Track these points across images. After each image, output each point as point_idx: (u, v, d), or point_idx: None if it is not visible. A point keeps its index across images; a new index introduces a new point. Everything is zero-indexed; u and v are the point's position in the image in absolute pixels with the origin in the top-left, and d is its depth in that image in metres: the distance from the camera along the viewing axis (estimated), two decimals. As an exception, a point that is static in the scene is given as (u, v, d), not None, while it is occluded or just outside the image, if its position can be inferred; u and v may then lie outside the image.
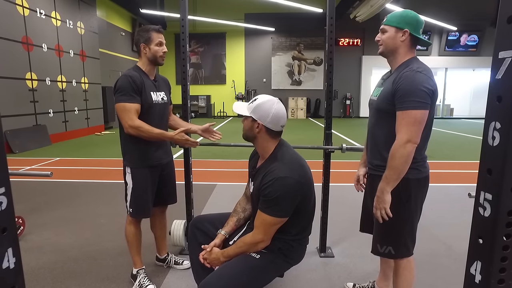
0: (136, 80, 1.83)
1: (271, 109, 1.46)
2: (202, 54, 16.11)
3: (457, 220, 3.16)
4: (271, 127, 1.47)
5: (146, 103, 1.90)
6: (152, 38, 1.89)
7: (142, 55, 1.93)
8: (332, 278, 2.19)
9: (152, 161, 1.98)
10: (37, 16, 7.41)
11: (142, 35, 1.90)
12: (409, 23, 1.50)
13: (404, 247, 1.59)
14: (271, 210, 1.40)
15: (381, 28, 1.57)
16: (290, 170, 1.42)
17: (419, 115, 1.41)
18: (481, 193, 0.60)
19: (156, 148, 2.00)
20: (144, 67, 1.94)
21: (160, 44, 1.91)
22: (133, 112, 1.82)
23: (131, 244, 2.07)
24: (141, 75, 1.89)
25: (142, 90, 1.86)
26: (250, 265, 1.45)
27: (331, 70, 2.31)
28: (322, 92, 16.07)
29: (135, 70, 1.91)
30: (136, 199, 1.97)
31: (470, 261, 0.62)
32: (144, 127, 1.82)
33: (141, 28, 1.94)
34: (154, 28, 1.92)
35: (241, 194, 1.81)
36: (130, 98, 1.82)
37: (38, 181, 4.42)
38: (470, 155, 6.55)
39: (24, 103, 7.10)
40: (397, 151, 1.44)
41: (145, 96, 1.88)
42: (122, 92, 1.81)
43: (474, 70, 16.55)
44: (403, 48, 1.53)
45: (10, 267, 0.59)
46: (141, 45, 1.90)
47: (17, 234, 0.61)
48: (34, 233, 2.84)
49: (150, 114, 1.93)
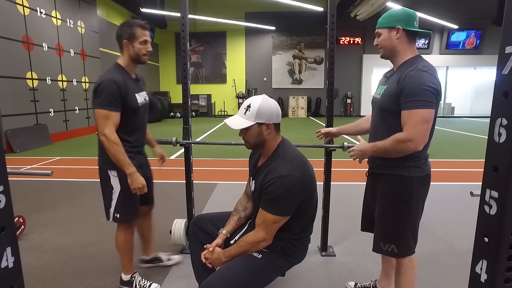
0: (121, 86, 1.72)
1: (271, 105, 1.46)
2: (202, 53, 16.09)
3: (459, 219, 3.15)
4: (278, 121, 1.48)
5: (132, 107, 1.80)
6: (137, 35, 1.76)
7: (124, 52, 1.80)
8: (333, 277, 2.19)
9: (137, 161, 1.91)
10: (38, 15, 7.40)
11: (125, 30, 1.76)
12: (399, 20, 1.51)
13: (406, 245, 1.59)
14: (273, 209, 1.39)
15: (376, 33, 1.59)
16: (292, 168, 1.41)
17: (426, 114, 1.40)
18: (487, 190, 0.59)
19: (140, 149, 1.97)
20: (126, 64, 1.82)
21: (145, 43, 1.79)
22: (114, 122, 1.73)
23: (125, 252, 1.98)
24: (124, 77, 1.77)
25: (127, 95, 1.76)
26: (252, 265, 1.44)
27: (332, 68, 2.29)
28: (322, 91, 16.04)
29: (118, 71, 1.78)
30: (125, 203, 1.87)
31: (475, 260, 0.61)
32: (118, 145, 1.72)
33: (124, 22, 1.80)
34: (139, 23, 1.77)
35: (241, 193, 1.81)
36: (115, 106, 1.72)
37: (39, 180, 4.41)
38: (472, 153, 6.53)
39: (25, 103, 7.09)
40: (398, 144, 1.44)
41: (130, 100, 1.79)
42: (107, 98, 1.69)
43: (475, 69, 16.51)
44: (400, 45, 1.53)
45: (8, 267, 0.58)
46: (124, 41, 1.77)
47: (15, 233, 0.60)
48: (35, 232, 2.84)
49: (137, 117, 1.87)
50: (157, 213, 3.34)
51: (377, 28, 1.58)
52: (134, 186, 1.78)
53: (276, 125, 1.49)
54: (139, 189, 1.79)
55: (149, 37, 1.82)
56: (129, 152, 1.82)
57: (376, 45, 1.60)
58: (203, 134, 9.27)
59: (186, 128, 2.37)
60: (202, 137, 8.74)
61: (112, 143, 1.71)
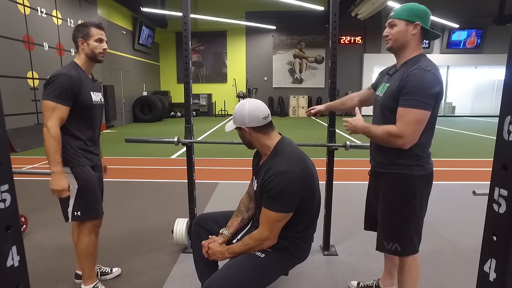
0: (74, 81, 1.71)
1: (244, 110, 1.48)
2: (203, 52, 16.08)
3: (461, 218, 3.15)
4: (254, 125, 1.48)
5: (86, 104, 1.78)
6: (91, 33, 1.77)
7: (80, 51, 1.81)
8: (336, 276, 2.18)
9: (93, 161, 1.86)
10: (38, 14, 7.40)
11: (80, 30, 1.79)
12: (420, 16, 1.47)
13: (410, 244, 1.58)
14: (275, 206, 1.40)
15: (390, 22, 1.52)
16: (290, 164, 1.42)
17: (420, 116, 1.40)
18: (496, 189, 0.58)
19: (93, 149, 1.88)
20: (82, 63, 1.82)
21: (100, 41, 1.80)
22: (60, 116, 1.68)
23: (89, 257, 1.87)
24: (80, 74, 1.76)
25: (80, 92, 1.74)
26: (255, 264, 1.43)
27: (334, 67, 2.29)
28: (323, 90, 16.03)
29: (74, 68, 1.78)
30: (84, 199, 1.79)
31: (484, 259, 0.61)
32: (56, 140, 1.67)
33: (80, 23, 1.84)
34: (94, 23, 1.81)
35: (243, 192, 1.80)
36: (64, 100, 1.69)
37: (41, 179, 4.41)
38: (473, 153, 6.53)
39: (26, 102, 7.09)
40: (387, 136, 1.47)
41: (84, 97, 1.76)
42: (58, 90, 1.67)
43: (476, 68, 16.49)
44: (413, 42, 1.49)
45: (14, 265, 0.58)
46: (79, 40, 1.78)
47: (21, 232, 0.60)
48: (37, 231, 2.84)
49: (90, 115, 1.83)
50: (158, 212, 3.35)
51: (393, 18, 1.50)
52: (52, 187, 1.68)
53: (258, 128, 1.48)
54: (57, 192, 1.69)
55: (105, 37, 1.83)
56: (82, 150, 1.80)
57: (385, 35, 1.53)
58: (204, 134, 9.27)
59: (188, 127, 2.37)
60: (203, 137, 8.74)
61: (51, 136, 1.66)
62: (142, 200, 3.66)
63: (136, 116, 13.05)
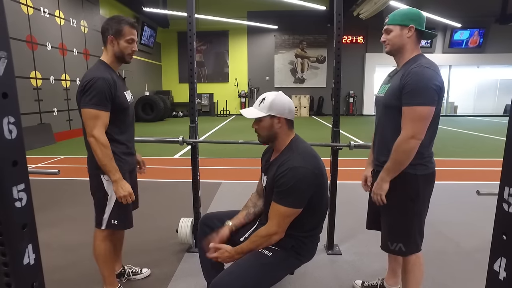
0: (111, 84, 1.62)
1: (285, 100, 1.50)
2: (204, 52, 16.08)
3: (464, 217, 3.14)
4: (290, 117, 1.51)
5: (123, 106, 1.71)
6: (124, 32, 1.65)
7: (108, 48, 1.69)
8: (340, 275, 2.19)
9: (130, 165, 1.81)
10: (41, 15, 7.43)
11: (112, 25, 1.65)
12: (413, 19, 1.52)
13: (413, 243, 1.60)
14: (285, 201, 1.41)
15: (385, 29, 1.58)
16: (304, 160, 1.43)
17: (425, 112, 1.43)
18: (505, 188, 0.58)
19: (132, 150, 1.84)
20: (110, 61, 1.71)
21: (132, 41, 1.68)
22: (104, 122, 1.61)
23: (106, 264, 1.82)
24: (112, 75, 1.66)
25: (117, 94, 1.65)
26: (262, 262, 1.44)
27: (339, 67, 2.29)
28: (325, 90, 16.02)
29: (106, 70, 1.67)
30: (121, 210, 1.75)
31: (494, 258, 0.61)
32: (107, 148, 1.60)
33: (112, 17, 1.68)
34: (129, 21, 1.66)
35: (246, 192, 1.82)
36: (105, 106, 1.60)
37: (45, 179, 4.43)
38: (475, 152, 6.51)
39: (29, 102, 7.12)
40: (401, 145, 1.47)
41: (120, 99, 1.68)
42: (97, 97, 1.57)
43: (479, 67, 16.43)
44: (410, 44, 1.54)
45: (30, 263, 0.59)
46: (109, 36, 1.65)
47: (36, 230, 0.61)
48: (42, 230, 2.85)
49: (127, 116, 1.78)
50: (162, 212, 3.36)
51: (388, 25, 1.56)
52: (119, 194, 1.65)
53: (289, 121, 1.52)
54: (124, 197, 1.67)
55: (136, 37, 1.72)
56: (124, 154, 1.75)
57: (383, 41, 1.59)
58: (206, 133, 9.28)
59: (193, 127, 2.37)
60: (205, 136, 8.75)
61: (101, 145, 1.58)
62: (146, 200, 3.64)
63: (138, 115, 13.06)
